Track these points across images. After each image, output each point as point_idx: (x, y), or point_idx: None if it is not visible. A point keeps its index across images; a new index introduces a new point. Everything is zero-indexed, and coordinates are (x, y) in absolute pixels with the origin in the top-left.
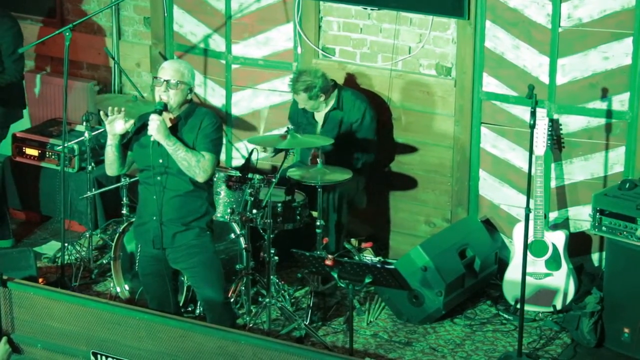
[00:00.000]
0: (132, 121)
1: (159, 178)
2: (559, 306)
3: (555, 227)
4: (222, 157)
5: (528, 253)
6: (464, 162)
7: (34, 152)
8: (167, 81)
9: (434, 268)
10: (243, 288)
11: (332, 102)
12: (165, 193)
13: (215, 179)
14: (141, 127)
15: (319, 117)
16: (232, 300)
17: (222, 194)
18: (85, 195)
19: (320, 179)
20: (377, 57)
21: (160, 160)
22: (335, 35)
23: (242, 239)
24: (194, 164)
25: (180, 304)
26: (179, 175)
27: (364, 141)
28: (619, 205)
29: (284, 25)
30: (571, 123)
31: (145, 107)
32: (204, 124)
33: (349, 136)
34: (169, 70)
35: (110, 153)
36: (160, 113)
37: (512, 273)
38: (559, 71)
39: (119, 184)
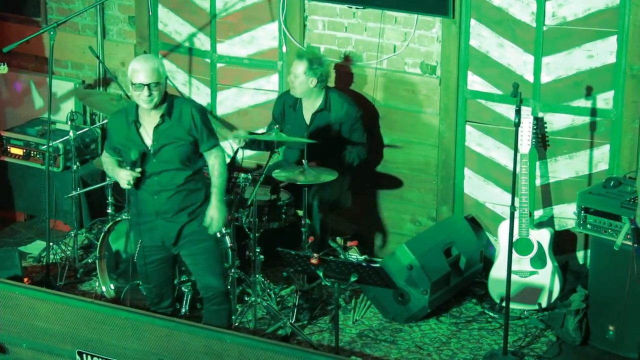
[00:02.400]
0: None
1: (156, 178)
2: (544, 304)
3: (540, 225)
4: None
5: (513, 251)
6: (448, 161)
7: (18, 151)
8: (148, 85)
9: (420, 266)
10: (229, 287)
11: (319, 103)
12: (163, 192)
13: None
14: (124, 129)
15: (307, 117)
16: None
17: None
18: (70, 195)
19: (306, 179)
20: (362, 55)
21: (154, 160)
22: (320, 34)
23: (227, 238)
24: (226, 170)
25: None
26: (173, 172)
27: (354, 142)
28: (604, 203)
29: (269, 24)
30: (556, 121)
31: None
32: (195, 119)
33: (338, 137)
34: (144, 73)
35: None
36: (142, 159)
37: (497, 271)
38: (543, 69)
39: (104, 183)
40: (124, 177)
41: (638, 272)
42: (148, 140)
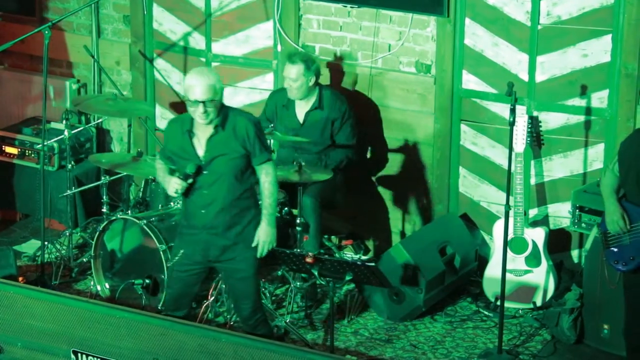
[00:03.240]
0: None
1: (205, 191)
2: (538, 303)
3: (535, 224)
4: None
5: (508, 250)
6: (443, 160)
7: (13, 150)
8: (203, 102)
9: (415, 265)
10: (223, 286)
11: (312, 101)
12: (212, 206)
13: None
14: (179, 138)
15: (300, 116)
16: (212, 298)
17: None
18: (65, 194)
19: (301, 178)
20: (357, 54)
21: (205, 172)
22: (315, 33)
23: None
24: (276, 186)
25: (161, 303)
26: (223, 185)
27: (345, 140)
28: (598, 202)
29: (264, 23)
30: (551, 120)
31: (126, 105)
32: (249, 132)
33: (331, 135)
34: (200, 89)
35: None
36: (197, 173)
37: (492, 270)
38: (538, 68)
39: (98, 182)
40: (174, 185)
41: (609, 277)
42: (200, 151)
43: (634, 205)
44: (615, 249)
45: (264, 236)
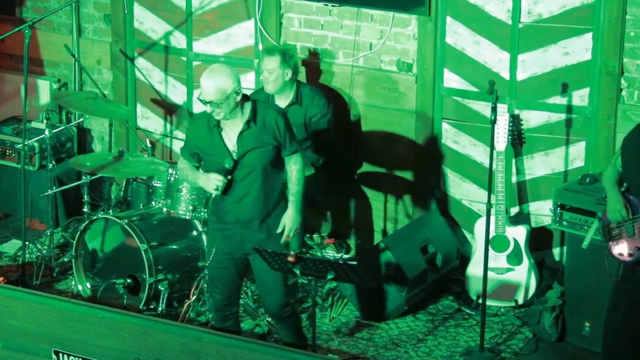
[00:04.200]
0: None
1: (238, 184)
2: (520, 301)
3: (516, 222)
4: None
5: (489, 248)
6: (425, 158)
7: None
8: (211, 102)
9: (397, 263)
10: (205, 285)
11: (290, 97)
12: (245, 199)
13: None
14: (206, 134)
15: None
16: (194, 298)
17: (184, 191)
18: (46, 194)
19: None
20: (338, 53)
21: (237, 166)
22: (296, 31)
23: (204, 237)
24: (304, 176)
25: (142, 303)
26: (256, 178)
27: (324, 137)
28: (580, 200)
29: (245, 22)
30: (532, 118)
31: (107, 105)
32: (279, 124)
33: (310, 132)
34: (208, 91)
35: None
36: (230, 171)
37: (474, 268)
38: (519, 67)
39: (79, 182)
40: (214, 182)
41: (609, 269)
42: (230, 146)
43: (637, 197)
44: (618, 241)
45: (289, 222)
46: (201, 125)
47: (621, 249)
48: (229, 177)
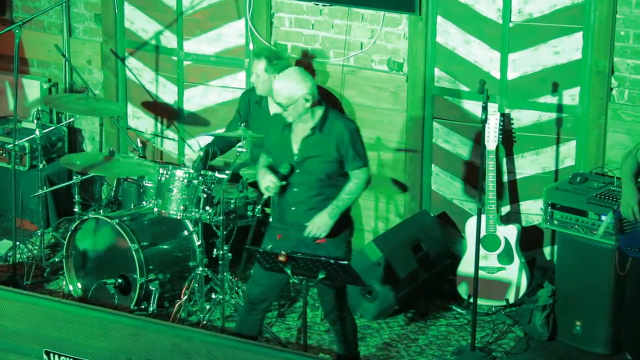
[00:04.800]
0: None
1: (296, 189)
2: (511, 300)
3: (507, 221)
4: (175, 154)
5: (480, 247)
6: (416, 157)
7: None
8: (279, 104)
9: (388, 263)
10: (196, 285)
11: None
12: (301, 205)
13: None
14: (279, 132)
15: (273, 112)
16: (185, 298)
17: (175, 191)
18: (36, 194)
19: None
20: (329, 53)
21: (297, 170)
22: (287, 31)
23: (195, 237)
24: (358, 194)
25: (133, 303)
26: (313, 185)
27: None
28: (570, 199)
29: (236, 22)
30: (522, 117)
31: (98, 104)
32: (344, 137)
33: None
34: (277, 93)
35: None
36: (287, 176)
37: (465, 267)
38: (509, 66)
39: (70, 182)
40: (267, 182)
41: (619, 263)
42: (295, 148)
43: None
44: (630, 235)
45: (318, 222)
46: (277, 123)
47: (630, 243)
48: (284, 182)
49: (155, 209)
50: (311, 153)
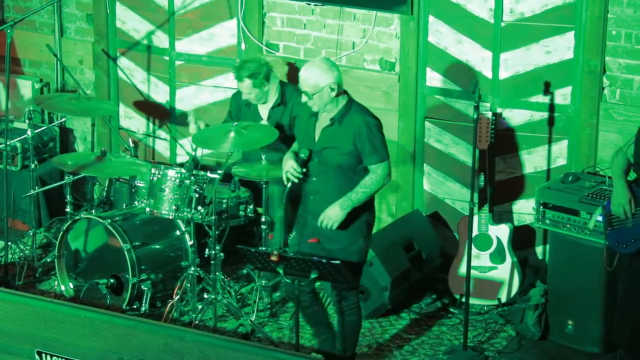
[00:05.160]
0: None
1: (314, 179)
2: (503, 299)
3: (499, 220)
4: (167, 154)
5: (472, 247)
6: (408, 157)
7: None
8: (305, 92)
9: (380, 263)
10: (188, 285)
11: (275, 98)
12: (319, 195)
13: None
14: (306, 120)
15: (263, 113)
16: (177, 297)
17: (167, 191)
18: (28, 194)
19: (265, 175)
20: (321, 52)
21: (316, 160)
22: (279, 31)
23: (187, 236)
24: (375, 189)
25: (125, 303)
26: (330, 176)
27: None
28: (562, 199)
29: (228, 22)
30: (514, 117)
31: (89, 103)
32: (361, 131)
33: (291, 131)
34: (303, 81)
35: None
36: (307, 162)
37: (457, 267)
38: (501, 65)
39: (62, 182)
40: (286, 168)
41: (607, 259)
42: (316, 138)
43: None
44: (617, 231)
45: (329, 213)
46: (305, 111)
47: (618, 238)
48: (304, 169)
49: (147, 209)
50: (329, 144)
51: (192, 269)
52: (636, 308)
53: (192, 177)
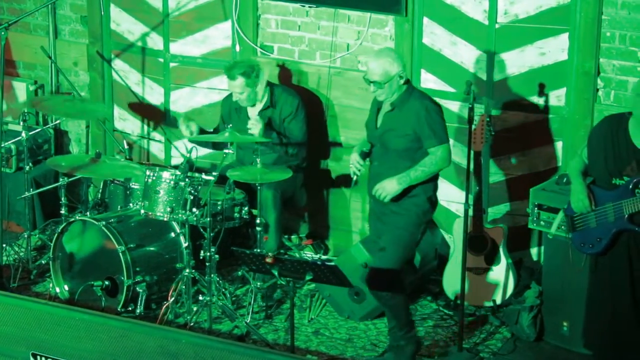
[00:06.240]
0: None
1: (376, 163)
2: (498, 301)
3: (494, 222)
4: (161, 155)
5: (467, 248)
6: None
7: None
8: (375, 82)
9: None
10: (183, 287)
11: (265, 100)
12: (380, 178)
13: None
14: (374, 112)
15: (253, 116)
16: (172, 299)
17: (162, 193)
18: (23, 196)
19: (260, 178)
20: (315, 54)
21: (378, 145)
22: (273, 32)
23: (182, 238)
24: (434, 170)
25: (120, 305)
26: (391, 160)
27: (297, 137)
28: (557, 200)
29: (222, 23)
30: (509, 118)
31: (83, 105)
32: (420, 115)
33: (281, 132)
34: (372, 70)
35: None
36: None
37: (452, 268)
38: (496, 67)
39: (57, 184)
40: (351, 161)
41: (573, 260)
42: (378, 124)
43: (601, 189)
44: (582, 232)
45: (386, 184)
46: (373, 104)
47: (583, 239)
48: (367, 161)
49: (142, 211)
50: (389, 127)
51: (187, 270)
52: (603, 310)
53: (186, 179)
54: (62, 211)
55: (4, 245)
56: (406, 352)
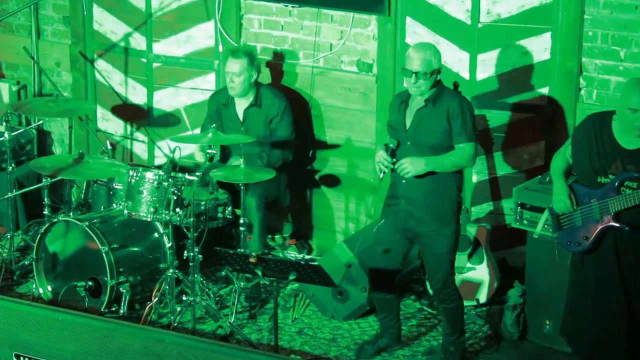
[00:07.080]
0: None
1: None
2: (482, 300)
3: (477, 221)
4: (145, 156)
5: None
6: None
7: None
8: (417, 73)
9: (358, 264)
10: (167, 287)
11: (251, 99)
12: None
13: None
14: (397, 110)
15: (240, 113)
16: (155, 300)
17: (145, 193)
18: (5, 196)
19: (244, 178)
20: (298, 54)
21: (408, 143)
22: (256, 32)
23: (165, 238)
24: (460, 163)
25: (104, 305)
26: (426, 155)
27: (282, 138)
28: (540, 199)
29: (205, 23)
30: (492, 118)
31: (66, 104)
32: (454, 110)
33: (270, 133)
34: (416, 61)
35: None
36: (396, 151)
37: None
38: (479, 66)
39: (40, 185)
40: (377, 159)
41: (559, 258)
42: (408, 122)
43: (584, 187)
44: (568, 231)
45: (413, 161)
46: (396, 102)
47: (569, 238)
48: (394, 160)
49: (126, 211)
50: (422, 124)
51: (171, 271)
52: (588, 309)
53: (170, 179)
54: (45, 212)
55: None
56: (454, 359)
